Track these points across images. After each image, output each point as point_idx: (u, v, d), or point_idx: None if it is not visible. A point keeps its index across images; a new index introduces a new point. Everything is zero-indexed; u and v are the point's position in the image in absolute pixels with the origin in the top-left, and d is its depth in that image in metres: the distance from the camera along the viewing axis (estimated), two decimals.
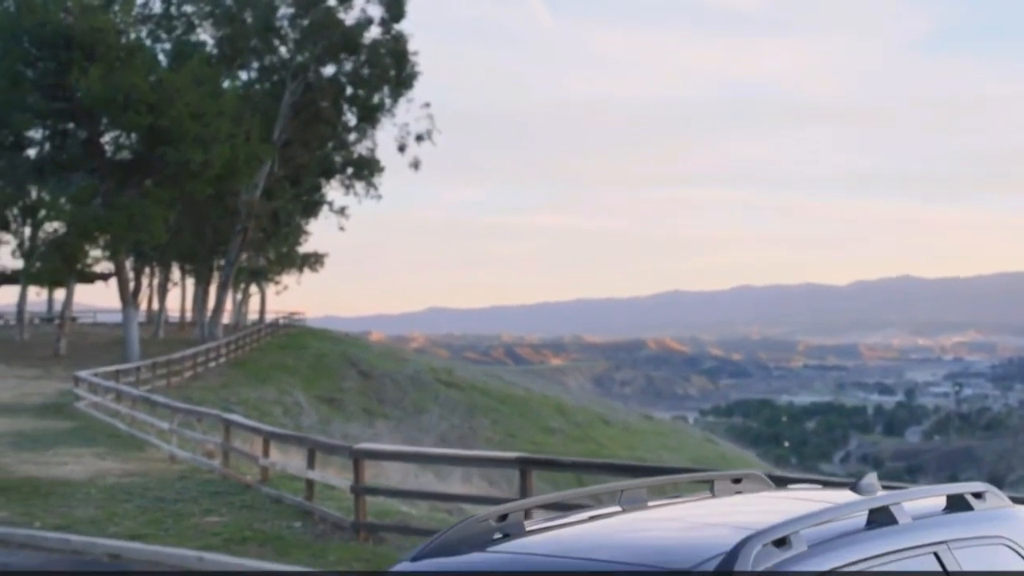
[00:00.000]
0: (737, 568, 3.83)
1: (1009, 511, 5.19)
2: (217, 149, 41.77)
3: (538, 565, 4.26)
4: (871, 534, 4.51)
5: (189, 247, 58.18)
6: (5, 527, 14.85)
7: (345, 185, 60.99)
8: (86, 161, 43.94)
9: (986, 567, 4.78)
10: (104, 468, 20.43)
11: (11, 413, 30.59)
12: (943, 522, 4.85)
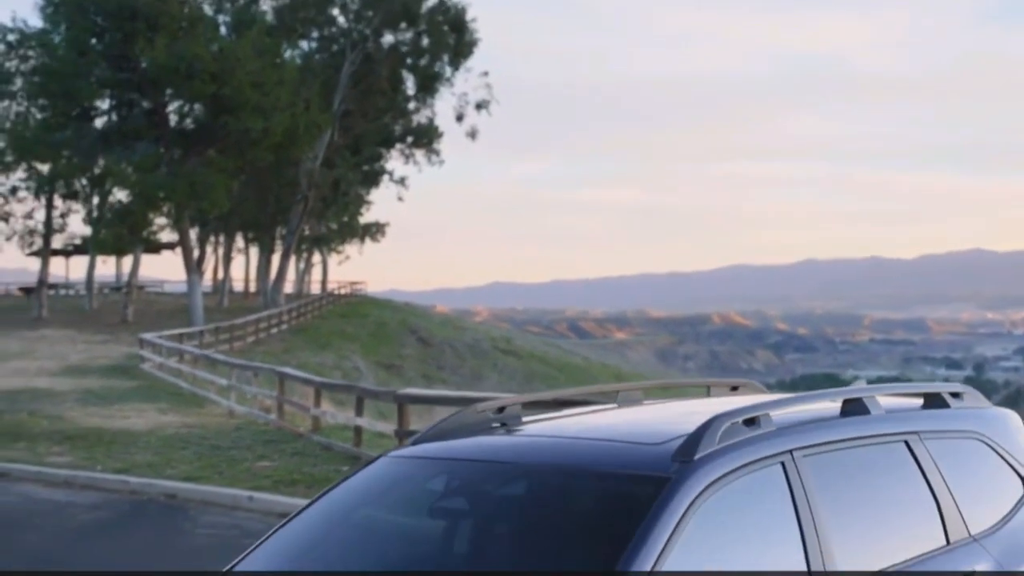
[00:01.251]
0: (704, 442, 4.14)
1: (987, 411, 5.43)
2: (277, 118, 42.42)
3: (526, 442, 4.60)
4: (842, 421, 4.79)
5: (252, 216, 59.08)
6: (69, 470, 15.54)
7: (405, 155, 61.50)
8: (151, 130, 44.82)
9: (956, 459, 5.03)
10: (164, 421, 21.12)
11: (79, 374, 31.57)
12: (917, 415, 5.11)
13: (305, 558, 4.36)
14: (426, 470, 4.55)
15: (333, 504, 4.56)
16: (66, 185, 49.41)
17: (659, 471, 4.03)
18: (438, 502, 4.42)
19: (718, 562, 4.00)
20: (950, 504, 4.85)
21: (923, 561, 4.63)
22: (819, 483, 4.37)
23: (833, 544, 4.28)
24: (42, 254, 55.60)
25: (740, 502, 4.16)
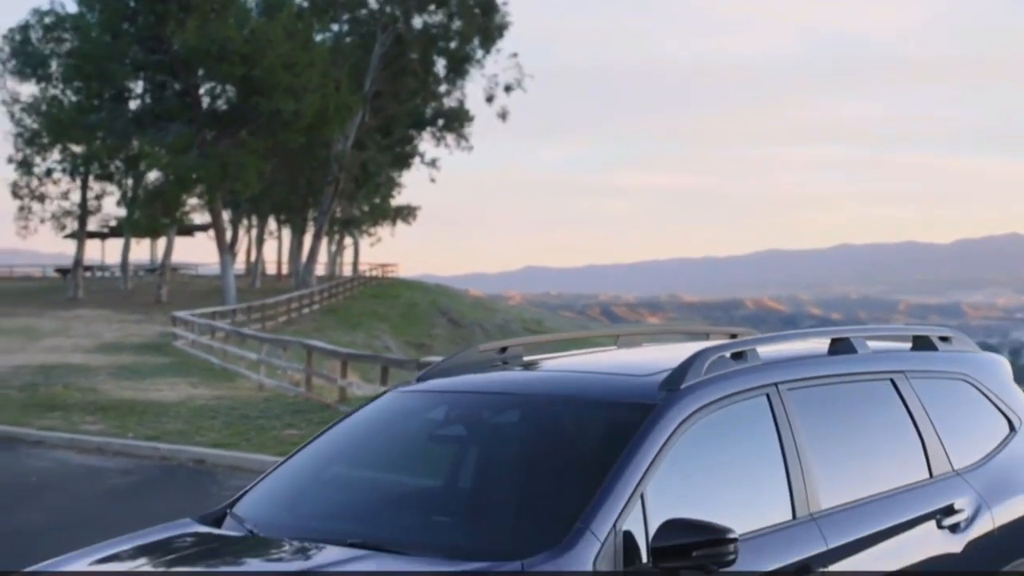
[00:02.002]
0: (691, 372, 4.35)
1: (976, 355, 5.60)
2: (308, 99, 42.77)
3: (523, 376, 4.83)
4: (829, 358, 4.99)
5: (284, 198, 59.55)
6: (102, 437, 15.93)
7: (436, 137, 61.71)
8: (183, 112, 45.27)
9: (942, 397, 5.21)
10: (195, 394, 21.50)
11: (113, 351, 32.07)
12: (904, 356, 5.29)
13: (314, 480, 4.61)
14: (428, 402, 4.79)
15: (340, 434, 4.80)
16: (100, 167, 50.01)
17: (647, 399, 4.24)
18: (438, 430, 4.66)
19: (702, 484, 4.21)
20: (934, 440, 5.03)
21: (905, 492, 4.82)
22: (803, 415, 4.57)
23: (815, 473, 4.48)
24: (78, 236, 56.30)
25: (725, 429, 4.37)
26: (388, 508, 4.38)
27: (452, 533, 4.15)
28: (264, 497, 4.59)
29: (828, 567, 4.30)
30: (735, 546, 3.79)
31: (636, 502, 3.90)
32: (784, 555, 4.22)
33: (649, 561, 3.81)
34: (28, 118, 48.91)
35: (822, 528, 4.38)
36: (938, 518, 4.83)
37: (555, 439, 4.35)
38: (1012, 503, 5.15)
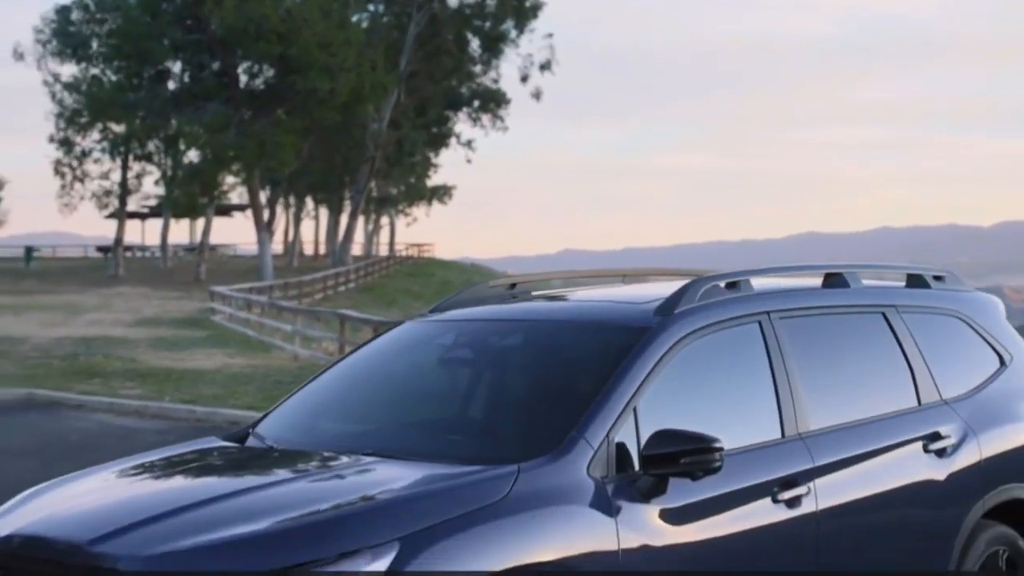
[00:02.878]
0: (684, 299, 4.61)
1: (968, 293, 5.82)
2: (344, 78, 43.15)
3: (528, 305, 5.11)
4: (822, 291, 5.23)
5: (320, 177, 60.07)
6: (140, 401, 16.37)
7: (472, 118, 61.99)
8: (221, 91, 45.81)
9: (934, 332, 5.42)
10: (231, 363, 21.95)
11: (153, 325, 32.65)
12: (896, 292, 5.52)
13: (330, 401, 4.91)
14: (439, 329, 5.08)
15: (355, 360, 5.11)
16: (140, 146, 50.67)
17: (642, 323, 4.50)
18: (447, 353, 4.95)
19: (693, 402, 4.46)
20: (923, 371, 5.25)
21: (893, 418, 5.05)
22: (794, 343, 4.81)
23: (804, 396, 4.72)
24: (118, 215, 57.10)
25: (717, 353, 4.63)
26: (399, 423, 4.68)
27: (457, 443, 4.45)
28: (283, 418, 4.89)
29: (814, 481, 4.54)
30: (720, 454, 4.04)
31: (629, 416, 4.15)
32: (771, 469, 4.47)
33: (640, 468, 4.07)
34: (69, 97, 49.60)
35: (809, 447, 4.62)
36: (925, 443, 5.05)
37: (555, 359, 4.62)
38: (999, 432, 5.36)
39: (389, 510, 3.66)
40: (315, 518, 3.63)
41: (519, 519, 3.74)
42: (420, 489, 3.79)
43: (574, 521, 3.86)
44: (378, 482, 3.89)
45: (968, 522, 5.12)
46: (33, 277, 56.62)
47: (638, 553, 3.96)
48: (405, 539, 3.52)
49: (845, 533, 4.65)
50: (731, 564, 4.26)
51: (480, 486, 3.80)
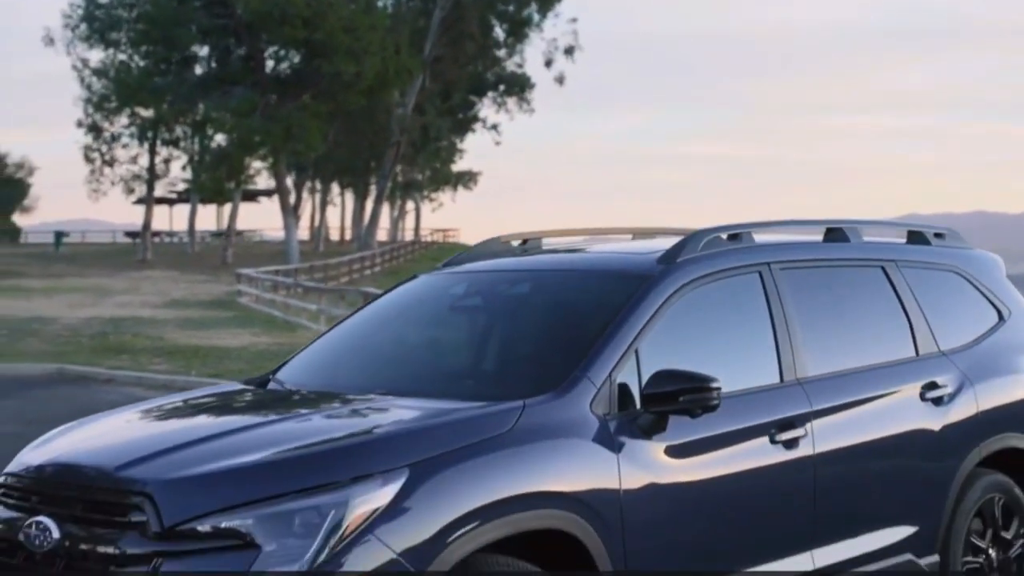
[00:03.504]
0: (687, 249, 4.79)
1: (969, 251, 5.98)
2: (369, 62, 43.38)
3: (537, 257, 5.31)
4: (822, 245, 5.40)
5: (346, 162, 60.41)
6: (168, 375, 16.68)
7: (497, 103, 62.11)
8: (247, 76, 46.13)
9: (933, 286, 5.58)
10: (257, 341, 22.26)
11: (181, 306, 33.04)
12: (896, 247, 5.68)
13: (347, 347, 5.13)
14: (451, 280, 5.30)
15: (370, 310, 5.35)
16: (168, 131, 51.09)
17: (644, 271, 4.69)
18: (458, 302, 5.16)
19: (694, 347, 4.64)
20: (922, 323, 5.41)
21: (891, 366, 5.21)
22: (794, 293, 4.98)
23: (803, 344, 4.90)
24: (146, 201, 57.62)
25: (718, 301, 4.81)
26: (412, 366, 4.89)
27: (467, 382, 4.66)
28: (302, 364, 5.12)
29: (811, 424, 4.71)
30: (718, 393, 4.22)
31: (631, 358, 4.34)
32: (770, 411, 4.64)
33: (641, 407, 4.26)
34: (98, 83, 50.07)
35: (808, 391, 4.79)
36: (922, 391, 5.22)
37: (560, 305, 4.82)
38: (996, 383, 5.51)
39: (400, 439, 3.86)
40: (330, 445, 3.84)
41: (524, 450, 3.94)
42: (429, 421, 3.99)
43: (577, 454, 4.05)
44: (390, 415, 4.10)
45: (964, 469, 5.28)
46: (63, 261, 57.28)
47: (638, 486, 4.14)
48: (414, 466, 3.72)
49: (842, 477, 4.82)
50: (730, 501, 4.44)
51: (487, 419, 3.99)
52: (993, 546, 5.45)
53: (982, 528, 5.42)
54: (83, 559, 3.70)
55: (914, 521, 5.10)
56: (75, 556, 3.71)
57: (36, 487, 3.99)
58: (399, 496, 3.65)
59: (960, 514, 5.27)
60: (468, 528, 3.72)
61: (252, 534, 3.55)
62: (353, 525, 3.58)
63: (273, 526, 3.56)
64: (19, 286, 39.99)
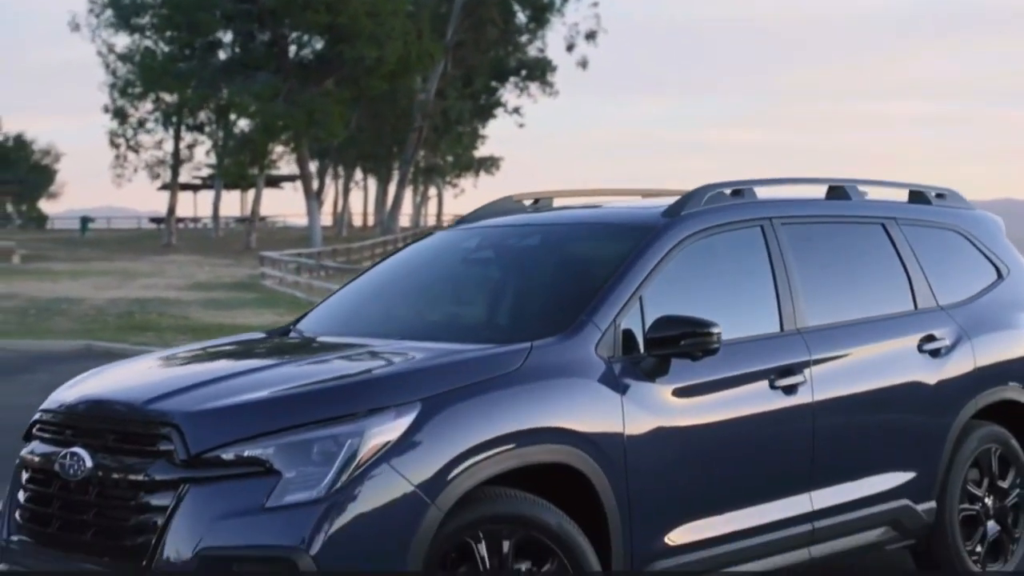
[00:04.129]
0: (691, 203, 4.98)
1: (970, 211, 6.13)
2: (391, 46, 43.57)
3: (547, 214, 5.51)
4: (824, 202, 5.58)
5: (369, 147, 60.69)
6: None
7: (519, 88, 62.20)
8: (270, 61, 46.40)
9: (932, 244, 5.74)
10: (281, 320, 22.46)
11: (205, 288, 33.38)
12: (897, 206, 5.84)
13: (365, 298, 5.36)
14: (464, 235, 5.51)
15: (387, 264, 5.60)
16: (192, 116, 51.47)
17: (649, 223, 4.88)
18: (471, 255, 5.37)
19: (696, 295, 4.82)
20: (920, 279, 5.58)
21: (890, 319, 5.38)
22: (795, 248, 5.15)
23: (803, 296, 5.08)
24: (170, 186, 58.08)
25: (720, 253, 4.99)
26: (426, 314, 5.11)
27: (479, 328, 4.88)
28: (321, 315, 5.34)
29: (811, 371, 4.89)
30: (718, 337, 4.41)
31: (635, 304, 4.52)
32: (770, 358, 4.82)
33: (644, 351, 4.45)
34: (123, 67, 50.48)
35: (807, 340, 4.97)
36: (920, 343, 5.39)
37: (568, 256, 5.02)
38: (993, 337, 5.68)
39: (413, 375, 4.07)
40: (347, 380, 4.06)
41: (531, 387, 4.14)
42: (441, 360, 4.19)
43: (582, 393, 4.25)
44: (404, 356, 4.31)
45: (960, 420, 5.44)
46: (88, 246, 57.82)
47: (641, 426, 4.33)
48: (426, 400, 3.93)
49: (839, 423, 4.99)
50: (730, 442, 4.62)
51: (495, 359, 4.20)
52: (989, 494, 5.62)
53: (979, 477, 5.59)
54: (114, 486, 3.93)
55: (911, 468, 5.27)
56: (107, 483, 3.94)
57: (70, 422, 4.22)
58: (412, 428, 3.85)
59: (957, 463, 5.44)
60: (477, 459, 3.92)
61: (273, 462, 3.76)
62: (368, 454, 3.79)
63: (293, 454, 3.77)
64: (46, 269, 40.46)
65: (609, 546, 4.23)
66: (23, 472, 4.29)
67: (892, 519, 5.20)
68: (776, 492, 4.79)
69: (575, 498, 4.20)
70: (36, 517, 4.16)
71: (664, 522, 4.42)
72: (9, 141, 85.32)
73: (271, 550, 3.68)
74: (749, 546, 4.68)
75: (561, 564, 4.07)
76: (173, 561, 3.75)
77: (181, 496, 3.78)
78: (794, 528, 4.83)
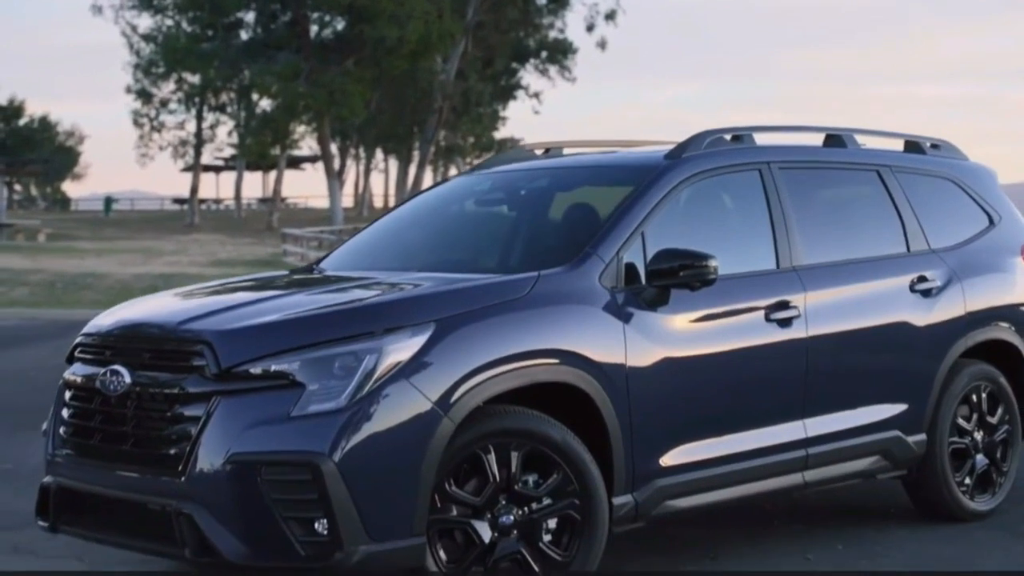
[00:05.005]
0: (691, 147, 5.26)
1: (964, 162, 6.38)
2: (412, 26, 43.85)
3: (557, 159, 5.80)
4: (820, 149, 5.83)
5: (389, 127, 60.97)
6: None
7: (539, 70, 62.38)
8: (292, 41, 46.77)
9: (926, 191, 6.00)
10: None
11: (228, 265, 33.83)
12: (892, 155, 6.10)
13: (384, 238, 5.69)
14: (477, 180, 5.83)
15: (405, 207, 5.92)
16: (214, 96, 51.91)
17: (651, 164, 5.16)
18: (483, 196, 5.67)
19: (696, 233, 5.08)
20: (913, 223, 5.84)
21: (883, 260, 5.65)
22: (792, 191, 5.42)
23: (799, 236, 5.34)
24: (193, 167, 58.59)
25: (720, 193, 5.28)
26: (442, 250, 5.42)
27: (491, 260, 5.18)
28: (343, 255, 5.66)
29: (805, 305, 5.16)
30: (715, 268, 4.68)
31: (637, 239, 4.80)
32: (766, 292, 5.10)
33: (646, 282, 4.73)
34: (146, 47, 50.95)
35: (802, 277, 5.24)
36: (912, 283, 5.65)
37: (575, 195, 5.31)
38: (983, 279, 5.93)
39: (427, 299, 4.38)
40: (367, 302, 4.37)
41: (538, 312, 4.43)
42: (454, 286, 4.50)
43: (587, 319, 4.53)
44: (419, 285, 4.61)
45: (950, 357, 5.70)
46: (112, 225, 58.42)
47: (642, 352, 4.61)
48: (440, 321, 4.22)
49: (832, 357, 5.25)
50: (727, 369, 4.89)
51: (505, 285, 4.49)
52: (979, 429, 5.88)
53: (968, 412, 5.85)
54: (151, 400, 4.24)
55: (902, 401, 5.53)
56: (144, 398, 4.26)
57: (108, 343, 4.54)
58: (426, 346, 4.15)
59: (947, 398, 5.69)
60: (487, 376, 4.21)
61: (297, 375, 4.06)
62: (385, 369, 4.08)
63: (316, 369, 4.07)
64: (72, 247, 41.00)
65: (611, 465, 4.52)
66: (66, 392, 4.61)
67: (883, 449, 5.46)
68: (771, 418, 5.06)
69: (579, 420, 4.48)
70: (79, 431, 4.48)
71: (663, 443, 4.70)
72: (34, 123, 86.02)
73: (296, 455, 3.99)
74: (746, 468, 4.95)
75: (565, 476, 4.36)
76: (206, 467, 4.06)
77: (213, 408, 4.09)
78: (788, 453, 5.10)
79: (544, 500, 4.34)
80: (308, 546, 3.98)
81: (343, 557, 3.97)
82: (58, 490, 4.50)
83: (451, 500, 4.23)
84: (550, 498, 4.35)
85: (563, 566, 4.35)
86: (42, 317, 18.17)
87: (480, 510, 4.25)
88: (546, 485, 4.35)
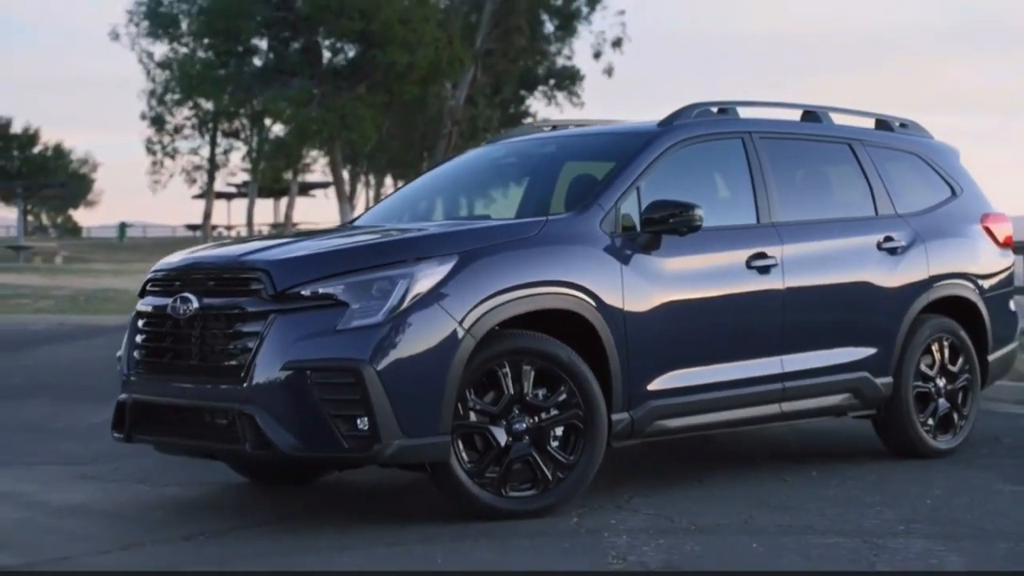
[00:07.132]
0: (682, 116, 6.00)
1: (930, 140, 7.12)
2: (422, 51, 44.85)
3: (564, 131, 6.54)
4: (798, 123, 6.56)
5: (399, 153, 61.96)
6: None
7: (547, 97, 63.36)
8: (304, 68, 47.77)
9: (893, 164, 6.73)
10: None
11: None
12: (862, 131, 6.83)
13: (411, 198, 6.46)
14: (493, 149, 6.64)
15: (431, 173, 6.76)
16: (228, 122, 52.90)
17: (646, 130, 5.90)
18: (499, 161, 6.45)
19: (684, 189, 5.81)
20: (882, 190, 6.56)
21: (854, 221, 6.36)
22: (771, 157, 6.15)
23: (776, 197, 6.06)
24: (206, 193, 59.54)
25: (706, 157, 6.02)
26: (464, 204, 6.20)
27: (505, 211, 5.92)
28: (375, 213, 6.45)
29: (782, 256, 5.87)
30: (700, 216, 5.40)
31: (633, 193, 5.53)
32: (747, 243, 5.82)
33: (640, 229, 5.45)
34: (161, 74, 52.00)
35: (780, 232, 5.96)
36: (879, 242, 6.35)
37: (579, 158, 6.05)
38: (944, 242, 6.64)
39: (451, 236, 5.12)
40: (399, 237, 5.14)
41: (546, 249, 5.17)
42: (474, 226, 5.25)
43: (588, 258, 5.25)
44: (444, 226, 5.36)
45: (913, 310, 6.39)
46: (126, 250, 59.31)
47: (637, 288, 5.33)
48: (462, 253, 4.96)
49: (806, 299, 5.96)
50: (711, 305, 5.61)
51: (517, 226, 5.25)
52: (941, 376, 6.56)
53: (932, 361, 6.54)
54: (216, 320, 4.97)
55: (871, 345, 6.22)
56: (209, 318, 4.98)
57: (177, 275, 5.28)
58: (451, 274, 4.88)
59: (911, 346, 6.38)
60: (502, 301, 4.94)
61: (341, 296, 4.79)
62: (417, 292, 4.81)
63: (357, 291, 4.80)
64: (89, 268, 41.83)
65: (610, 387, 5.22)
66: (139, 321, 5.34)
67: (853, 387, 6.15)
68: (751, 353, 5.76)
69: (582, 346, 5.19)
70: (152, 352, 5.21)
71: (655, 368, 5.40)
72: (48, 151, 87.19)
73: (341, 361, 4.71)
74: (729, 396, 5.66)
75: (571, 390, 5.07)
76: (264, 374, 4.77)
77: (270, 324, 4.81)
78: (767, 385, 5.80)
79: (552, 411, 5.06)
80: (351, 439, 4.69)
81: (380, 449, 4.69)
82: (133, 404, 5.22)
83: (472, 409, 4.94)
84: (557, 409, 5.06)
85: (568, 467, 5.05)
86: (69, 323, 18.91)
87: (497, 417, 4.96)
88: (554, 398, 5.06)
